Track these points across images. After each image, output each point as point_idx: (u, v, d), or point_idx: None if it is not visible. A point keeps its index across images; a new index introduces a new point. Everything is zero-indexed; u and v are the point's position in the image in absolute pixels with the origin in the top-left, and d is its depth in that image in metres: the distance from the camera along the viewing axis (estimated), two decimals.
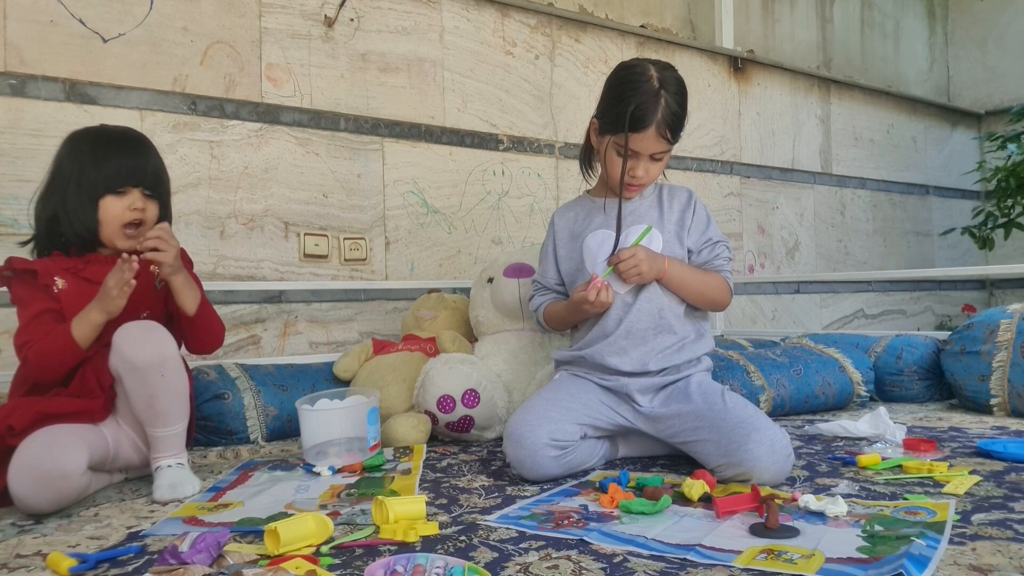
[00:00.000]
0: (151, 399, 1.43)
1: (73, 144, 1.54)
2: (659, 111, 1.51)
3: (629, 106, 1.51)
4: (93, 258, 1.54)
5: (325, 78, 2.55)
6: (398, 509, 1.16)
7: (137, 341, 1.41)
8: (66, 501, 1.33)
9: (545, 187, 3.07)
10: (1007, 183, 3.99)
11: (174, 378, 1.45)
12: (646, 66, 1.56)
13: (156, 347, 1.42)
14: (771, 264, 3.91)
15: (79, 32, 2.14)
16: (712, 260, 1.66)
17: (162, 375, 1.42)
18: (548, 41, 3.12)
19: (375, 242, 2.64)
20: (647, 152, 1.56)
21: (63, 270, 1.51)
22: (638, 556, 1.01)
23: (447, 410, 1.87)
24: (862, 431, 1.78)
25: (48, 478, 1.29)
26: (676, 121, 1.54)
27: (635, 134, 1.53)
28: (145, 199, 1.54)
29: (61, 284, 1.49)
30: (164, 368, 1.43)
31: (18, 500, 1.30)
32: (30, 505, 1.30)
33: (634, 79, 1.54)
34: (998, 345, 2.11)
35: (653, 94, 1.51)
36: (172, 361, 1.45)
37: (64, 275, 1.50)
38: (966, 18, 5.06)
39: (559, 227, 1.77)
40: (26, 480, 1.29)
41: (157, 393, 1.43)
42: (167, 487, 1.41)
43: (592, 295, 1.55)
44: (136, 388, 1.42)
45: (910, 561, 0.93)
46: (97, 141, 1.53)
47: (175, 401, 1.46)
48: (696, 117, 3.60)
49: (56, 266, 1.51)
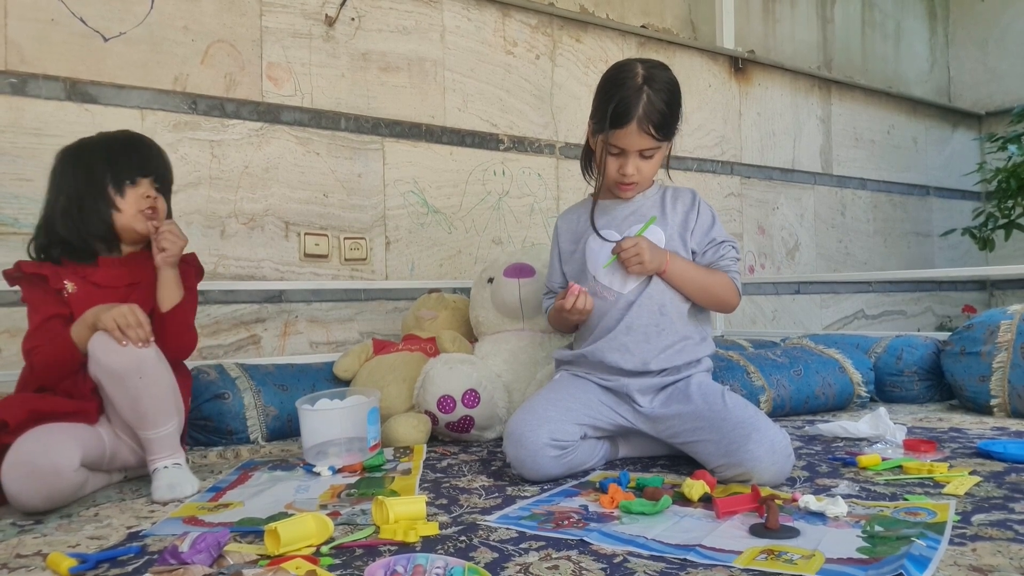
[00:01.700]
0: (134, 403, 1.42)
1: (75, 152, 1.57)
2: (640, 106, 1.51)
3: (612, 102, 1.52)
4: (104, 261, 1.57)
5: (326, 77, 2.55)
6: (398, 509, 1.16)
7: (112, 347, 1.40)
8: (59, 499, 1.33)
9: (545, 187, 3.07)
10: (1007, 184, 3.98)
11: (154, 380, 1.43)
12: (633, 64, 1.56)
13: (131, 351, 1.41)
14: (771, 264, 3.91)
15: (80, 31, 2.14)
16: (717, 261, 1.65)
17: (140, 378, 1.41)
18: (549, 41, 3.12)
19: (375, 242, 2.64)
20: (633, 148, 1.56)
21: (72, 274, 1.52)
22: (638, 556, 1.01)
23: (447, 410, 1.87)
24: (862, 432, 1.78)
25: (40, 475, 1.29)
26: (661, 118, 1.53)
27: (618, 130, 1.53)
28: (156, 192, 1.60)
29: (71, 288, 1.50)
30: (142, 371, 1.41)
31: (11, 497, 1.30)
32: (23, 502, 1.30)
33: (619, 77, 1.55)
34: (998, 346, 2.11)
35: (635, 90, 1.52)
36: (149, 363, 1.43)
37: (73, 279, 1.51)
38: (967, 19, 5.06)
39: (562, 230, 1.78)
40: (18, 476, 1.29)
41: (139, 396, 1.42)
42: (165, 487, 1.41)
43: (569, 302, 1.56)
44: (116, 394, 1.42)
45: (910, 561, 0.93)
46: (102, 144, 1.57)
47: (159, 402, 1.45)
48: (696, 117, 3.60)
49: (66, 270, 1.52)
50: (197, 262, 1.73)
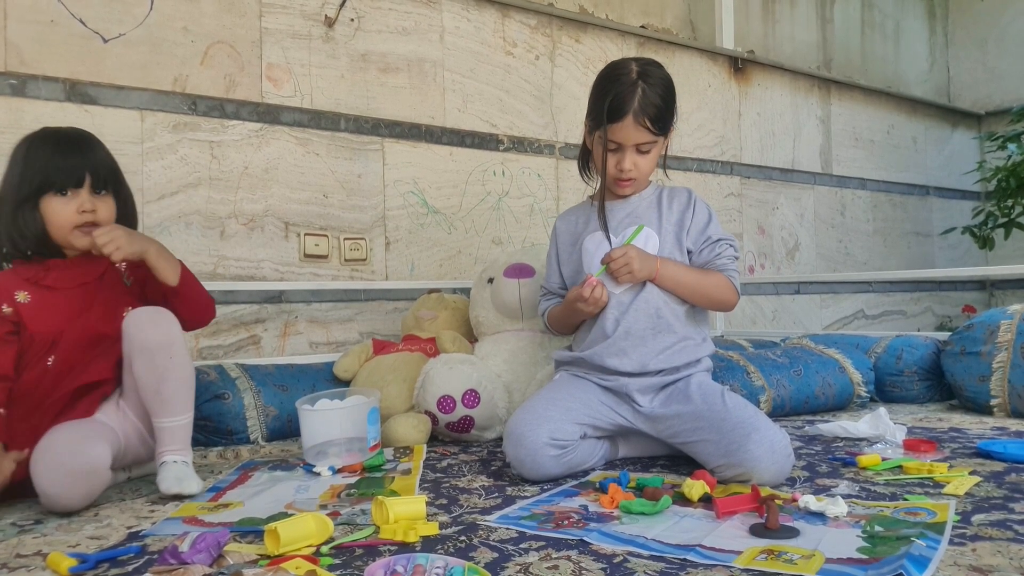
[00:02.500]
0: (159, 383, 1.43)
1: (15, 150, 1.50)
2: (636, 100, 1.53)
3: (607, 98, 1.54)
4: (54, 264, 1.50)
5: (325, 78, 2.55)
6: (398, 509, 1.16)
7: (146, 323, 1.44)
8: (96, 496, 1.35)
9: (545, 187, 3.08)
10: (1007, 183, 3.98)
11: (181, 362, 1.46)
12: (627, 61, 1.59)
13: (165, 328, 1.44)
14: (771, 264, 3.91)
15: (79, 32, 2.14)
16: (713, 260, 1.65)
17: (171, 357, 1.44)
18: (548, 41, 3.12)
19: (375, 242, 2.64)
20: (629, 143, 1.57)
21: (24, 280, 1.47)
22: (638, 556, 1.01)
23: (447, 410, 1.87)
24: (862, 432, 1.78)
25: (79, 475, 1.30)
26: (656, 111, 1.55)
27: (614, 124, 1.55)
28: (95, 198, 1.48)
29: (23, 298, 1.45)
30: (172, 350, 1.44)
31: (48, 498, 1.31)
32: (62, 504, 1.31)
33: (614, 73, 1.58)
34: (998, 346, 2.11)
35: (630, 84, 1.54)
36: (180, 344, 1.46)
37: (25, 286, 1.46)
38: (966, 18, 5.06)
39: (561, 231, 1.79)
40: (57, 479, 1.29)
41: (166, 376, 1.44)
42: (173, 479, 1.41)
43: (587, 291, 1.56)
44: (145, 371, 1.43)
45: (910, 562, 0.93)
46: (33, 144, 1.48)
47: (182, 388, 1.47)
48: (696, 117, 3.60)
49: (16, 278, 1.47)
50: None
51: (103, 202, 1.51)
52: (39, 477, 1.31)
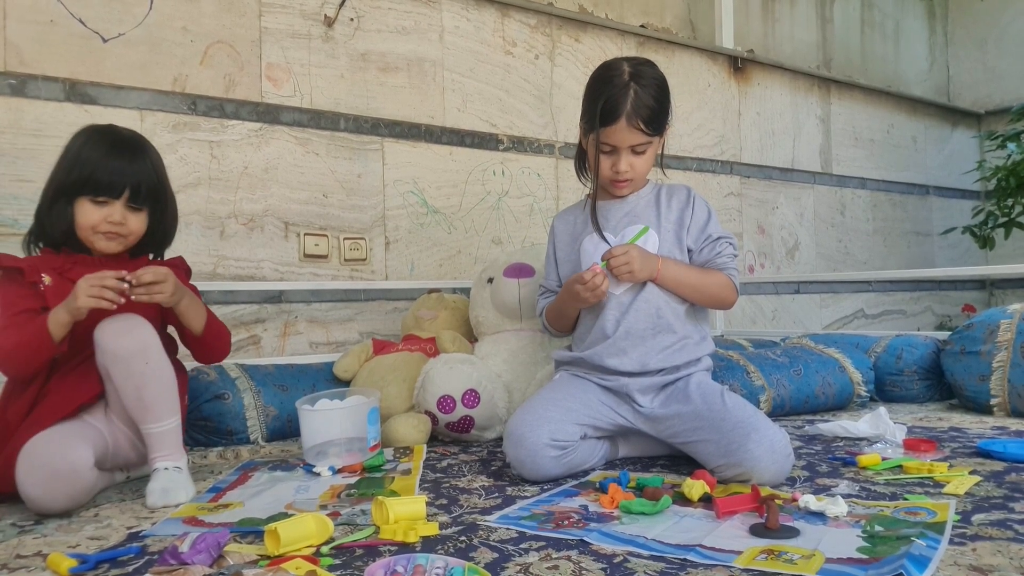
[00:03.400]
0: (139, 390, 1.41)
1: (75, 137, 1.51)
2: (628, 102, 1.52)
3: (600, 101, 1.54)
4: (80, 259, 1.51)
5: (325, 78, 2.55)
6: (398, 509, 1.16)
7: (119, 332, 1.40)
8: (81, 498, 1.34)
9: (545, 187, 3.07)
10: (1007, 182, 3.98)
11: (159, 367, 1.44)
12: (619, 62, 1.58)
13: (138, 335, 1.41)
14: (771, 264, 3.91)
15: (79, 32, 2.14)
16: (713, 258, 1.65)
17: (146, 363, 1.41)
18: (548, 41, 3.12)
19: (375, 242, 2.64)
20: (624, 145, 1.57)
21: (50, 268, 1.48)
22: (638, 556, 1.01)
23: (447, 410, 1.87)
24: (862, 431, 1.78)
25: (60, 476, 1.29)
26: (650, 112, 1.54)
27: (608, 127, 1.55)
28: (129, 211, 1.49)
29: (48, 281, 1.46)
30: (147, 356, 1.42)
31: (32, 501, 1.30)
32: (46, 505, 1.30)
33: (606, 75, 1.57)
34: (998, 345, 2.11)
35: (622, 86, 1.53)
36: (155, 349, 1.43)
37: (51, 273, 1.48)
38: (966, 18, 5.06)
39: (559, 231, 1.78)
40: (39, 481, 1.29)
41: (144, 383, 1.41)
42: (159, 492, 1.39)
43: (588, 275, 1.54)
44: (122, 380, 1.41)
45: (910, 561, 0.93)
46: (91, 139, 1.49)
47: (163, 393, 1.44)
48: (696, 117, 3.60)
49: (44, 263, 1.49)
50: (184, 264, 1.69)
51: (136, 216, 1.51)
52: (22, 479, 1.30)
